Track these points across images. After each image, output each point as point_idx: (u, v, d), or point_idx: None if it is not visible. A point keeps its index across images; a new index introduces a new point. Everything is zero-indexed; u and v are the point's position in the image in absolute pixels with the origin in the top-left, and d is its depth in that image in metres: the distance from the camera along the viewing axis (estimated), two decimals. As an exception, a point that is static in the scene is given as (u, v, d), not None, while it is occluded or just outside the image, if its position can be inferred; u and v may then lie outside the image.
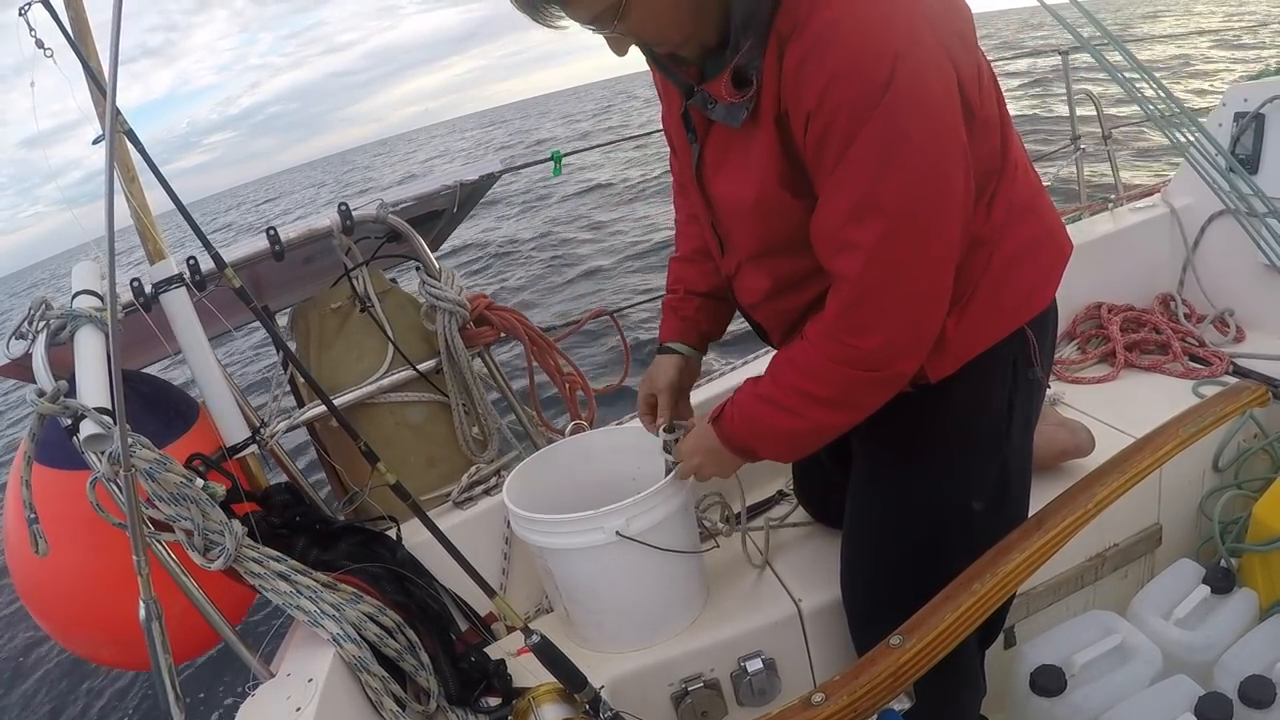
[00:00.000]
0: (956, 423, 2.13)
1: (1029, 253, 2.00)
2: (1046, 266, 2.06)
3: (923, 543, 2.26)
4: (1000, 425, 2.13)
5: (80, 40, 2.53)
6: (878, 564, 2.41)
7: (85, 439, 2.01)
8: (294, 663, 2.21)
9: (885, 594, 2.38)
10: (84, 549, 2.38)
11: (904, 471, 2.28)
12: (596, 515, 2.37)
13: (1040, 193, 2.05)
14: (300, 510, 2.62)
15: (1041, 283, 2.06)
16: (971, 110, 1.71)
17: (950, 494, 2.20)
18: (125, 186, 2.59)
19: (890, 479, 2.31)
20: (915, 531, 2.27)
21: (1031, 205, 2.00)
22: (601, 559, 2.46)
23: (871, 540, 2.41)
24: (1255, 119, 3.57)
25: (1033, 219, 2.00)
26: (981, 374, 2.04)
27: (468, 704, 2.43)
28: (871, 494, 2.39)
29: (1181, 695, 2.34)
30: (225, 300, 2.69)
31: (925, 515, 2.25)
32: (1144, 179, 9.11)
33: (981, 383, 2.07)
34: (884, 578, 2.39)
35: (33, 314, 2.49)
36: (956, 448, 2.18)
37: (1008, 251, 1.96)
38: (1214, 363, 3.44)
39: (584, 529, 2.40)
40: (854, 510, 2.44)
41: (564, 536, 2.44)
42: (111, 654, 2.75)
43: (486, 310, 3.18)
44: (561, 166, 3.96)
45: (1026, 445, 2.24)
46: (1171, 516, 3.05)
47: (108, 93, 1.93)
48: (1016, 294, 2.01)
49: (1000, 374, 2.07)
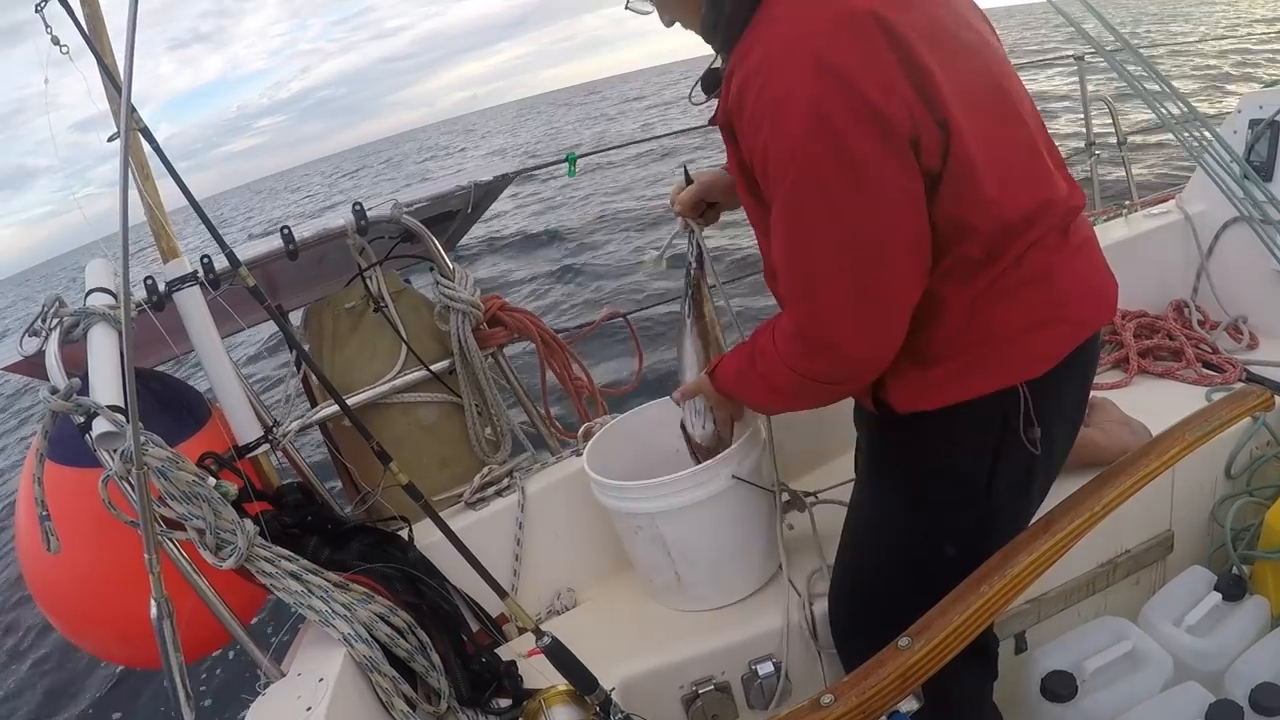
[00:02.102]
0: (927, 456, 2.14)
1: (1035, 326, 1.94)
2: (1052, 339, 1.97)
3: (891, 574, 2.26)
4: (980, 474, 2.06)
5: (95, 38, 2.53)
6: (853, 583, 2.44)
7: (98, 437, 2.02)
8: (305, 662, 2.21)
9: (854, 613, 2.44)
10: (96, 547, 2.38)
11: (876, 490, 2.34)
12: (713, 464, 2.51)
13: (1065, 263, 1.96)
14: (312, 510, 2.62)
15: (1040, 349, 1.96)
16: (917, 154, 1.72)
17: (918, 529, 2.19)
18: (140, 184, 2.60)
19: (869, 497, 2.38)
20: (883, 558, 2.30)
21: (1045, 279, 1.92)
22: (716, 506, 2.57)
23: (851, 560, 2.45)
24: (1270, 126, 3.56)
25: (1042, 291, 1.93)
26: (962, 422, 2.02)
27: (478, 705, 2.43)
28: (856, 506, 2.44)
29: (1192, 702, 2.34)
30: (239, 299, 2.69)
31: (891, 545, 2.27)
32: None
33: (962, 430, 2.05)
34: (856, 598, 2.43)
35: (46, 311, 2.50)
36: (927, 483, 2.17)
37: (1007, 320, 1.93)
38: (1227, 370, 3.43)
39: (703, 479, 2.52)
40: (846, 520, 2.47)
41: (682, 494, 2.52)
42: (122, 652, 2.76)
43: (500, 311, 3.18)
44: (575, 168, 3.96)
45: (1024, 503, 2.18)
46: (1183, 523, 3.04)
47: (123, 90, 1.93)
48: (1006, 357, 1.95)
49: (981, 422, 2.01)
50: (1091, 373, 2.20)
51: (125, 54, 1.86)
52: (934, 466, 2.14)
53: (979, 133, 1.78)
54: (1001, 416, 1.99)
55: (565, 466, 3.15)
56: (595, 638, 2.72)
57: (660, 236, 15.98)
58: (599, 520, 2.94)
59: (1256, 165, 3.55)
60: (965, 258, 1.85)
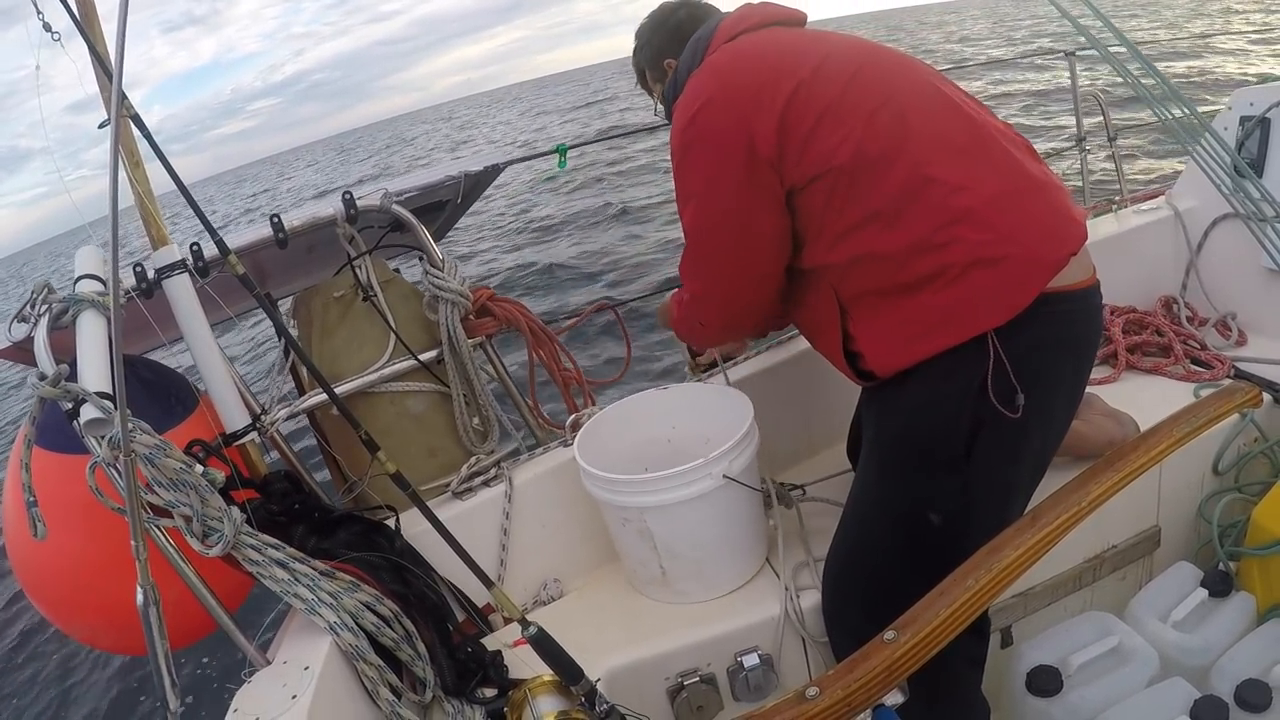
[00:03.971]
0: (909, 422, 2.26)
1: (979, 263, 2.06)
2: (1002, 277, 2.06)
3: (884, 546, 2.34)
4: (959, 438, 2.15)
5: (87, 24, 2.52)
6: (844, 563, 2.48)
7: (86, 423, 2.01)
8: (290, 650, 2.21)
9: (846, 594, 2.47)
10: (83, 533, 2.38)
11: (867, 467, 2.43)
12: (705, 463, 2.52)
13: (997, 203, 2.11)
14: (299, 498, 2.61)
15: (992, 292, 2.06)
16: (781, 149, 2.18)
17: (903, 497, 2.29)
18: (129, 171, 2.59)
19: (861, 474, 2.47)
20: (875, 533, 2.38)
21: (973, 215, 2.08)
22: (705, 505, 2.59)
23: (843, 538, 2.49)
24: (1261, 123, 3.56)
25: (973, 228, 2.07)
26: (936, 378, 2.15)
27: (463, 695, 2.43)
28: (851, 490, 2.51)
29: (1177, 698, 2.34)
30: (228, 287, 2.69)
31: (881, 517, 2.37)
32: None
33: (935, 386, 2.16)
34: (847, 577, 2.47)
35: (35, 297, 2.49)
36: (909, 449, 2.27)
37: (946, 260, 2.07)
38: (1215, 366, 3.43)
39: (694, 478, 2.53)
40: (844, 507, 2.53)
41: (672, 490, 2.53)
42: (108, 639, 2.75)
43: (489, 301, 3.18)
44: (566, 159, 3.96)
45: (1010, 476, 2.25)
46: (1170, 519, 3.05)
47: (113, 77, 1.92)
48: (962, 302, 2.08)
49: (959, 384, 2.11)
50: (1088, 350, 2.30)
51: (116, 41, 1.85)
52: (916, 430, 2.24)
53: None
54: (979, 377, 2.07)
55: (553, 457, 3.15)
56: (581, 628, 2.72)
57: (653, 228, 15.93)
58: (587, 511, 2.94)
59: (1247, 162, 3.55)
60: (875, 210, 2.14)
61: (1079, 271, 2.17)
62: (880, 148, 2.12)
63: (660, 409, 3.09)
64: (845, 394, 2.72)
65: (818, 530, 2.91)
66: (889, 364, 2.21)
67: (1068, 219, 2.18)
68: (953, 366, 2.11)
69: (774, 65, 2.23)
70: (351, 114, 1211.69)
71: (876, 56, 2.34)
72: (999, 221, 2.08)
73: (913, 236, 2.09)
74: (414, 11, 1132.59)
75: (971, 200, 2.08)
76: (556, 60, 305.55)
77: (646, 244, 14.70)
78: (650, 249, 14.27)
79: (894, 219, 2.11)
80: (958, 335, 2.08)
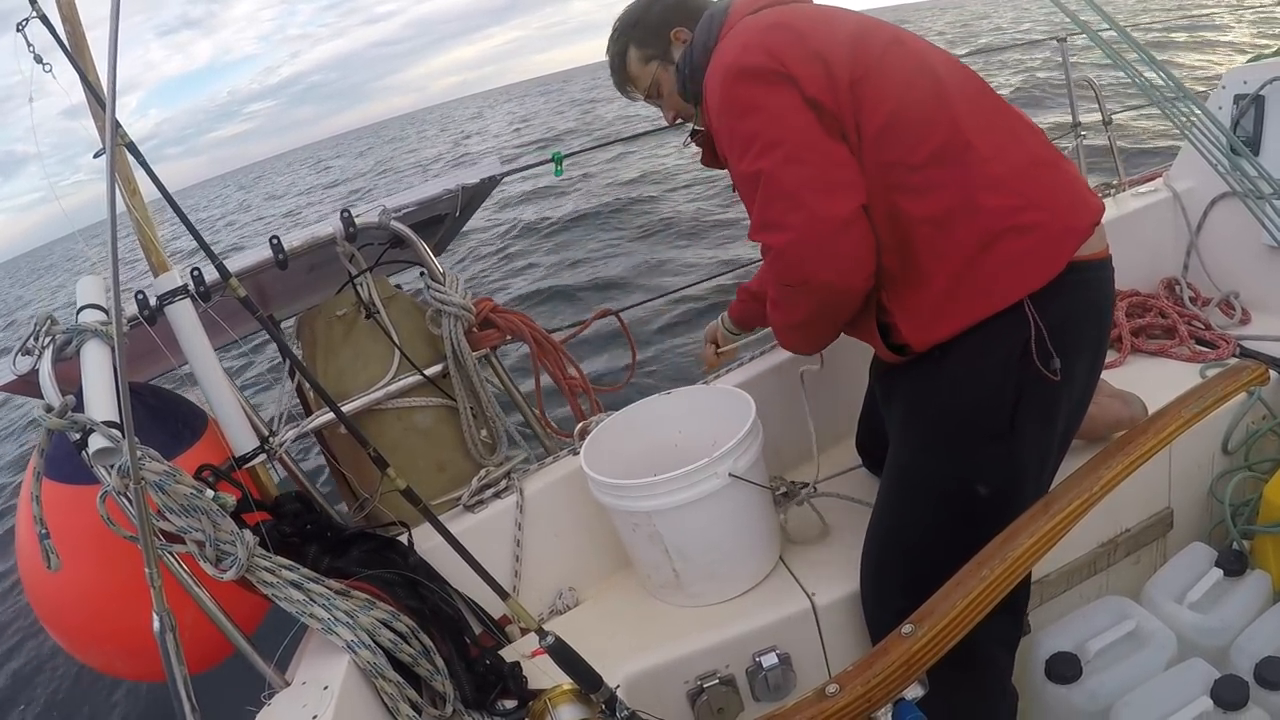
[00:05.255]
0: (952, 396, 2.26)
1: (1012, 230, 2.10)
2: (1036, 244, 2.11)
3: (927, 522, 2.33)
4: (1004, 409, 2.17)
5: (78, 54, 2.53)
6: (885, 543, 2.47)
7: (94, 453, 2.01)
8: (309, 670, 2.21)
9: (890, 575, 2.46)
10: (96, 563, 2.38)
11: (905, 445, 2.42)
12: (711, 462, 2.52)
13: (1025, 172, 2.16)
14: (311, 518, 2.62)
15: (1027, 259, 2.10)
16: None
17: (948, 471, 2.28)
18: (127, 200, 2.59)
19: (898, 453, 2.45)
20: (919, 510, 2.37)
21: (1004, 182, 2.12)
22: (713, 505, 2.58)
23: (883, 517, 2.49)
24: (1255, 101, 3.56)
25: (1007, 195, 2.11)
26: (977, 350, 2.17)
27: (484, 707, 2.43)
28: (888, 469, 2.49)
29: (1197, 678, 2.34)
30: (230, 310, 2.69)
31: (926, 493, 2.35)
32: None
33: (977, 358, 2.18)
34: (890, 557, 2.46)
35: (38, 329, 2.49)
36: (953, 423, 2.27)
37: (980, 225, 2.10)
38: (1220, 345, 3.43)
39: (700, 479, 2.52)
40: (880, 488, 2.53)
41: (679, 492, 2.53)
42: (126, 666, 2.75)
43: (491, 313, 3.18)
44: (563, 167, 3.96)
45: (1048, 441, 2.27)
46: (1182, 500, 3.05)
47: (107, 106, 1.93)
48: (997, 269, 2.11)
49: (1000, 354, 2.14)
50: (1108, 314, 2.37)
51: (109, 69, 1.86)
52: (959, 402, 2.25)
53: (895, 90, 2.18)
54: (1020, 345, 2.10)
55: (563, 466, 3.15)
56: (598, 636, 2.72)
57: (648, 220, 15.88)
58: (599, 518, 2.94)
59: (1243, 140, 3.55)
60: (910, 172, 2.15)
61: (1098, 241, 2.24)
62: (919, 112, 2.15)
63: (666, 414, 3.09)
64: (853, 390, 2.73)
65: (831, 527, 2.91)
66: (926, 337, 2.22)
67: (1086, 190, 2.24)
68: (993, 336, 2.14)
69: (810, 27, 2.24)
70: (348, 115, 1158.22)
71: (905, 33, 2.36)
72: (1030, 189, 2.13)
73: (948, 201, 2.12)
74: (409, 13, 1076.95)
75: (1003, 169, 2.12)
76: (553, 60, 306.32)
77: (647, 248, 14.69)
78: (653, 256, 14.26)
79: (928, 184, 2.14)
80: (997, 303, 2.11)
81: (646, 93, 2.77)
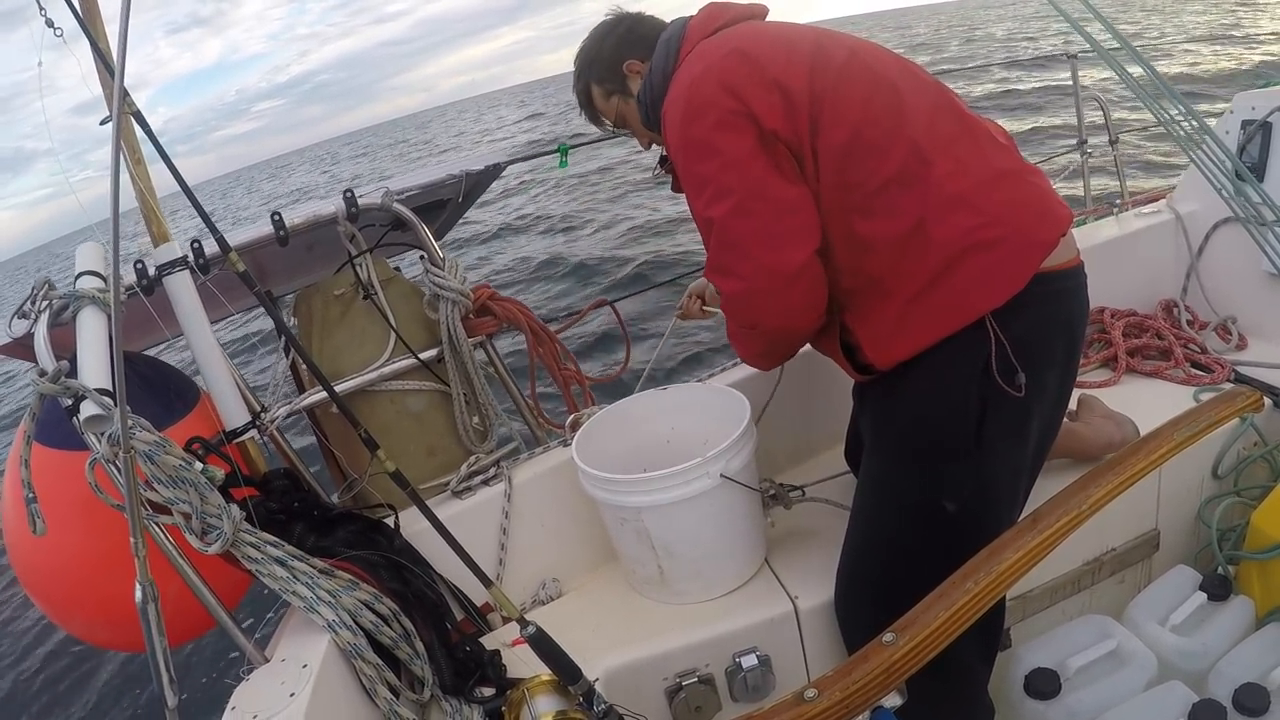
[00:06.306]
0: (915, 413, 2.26)
1: (974, 247, 2.08)
2: (998, 260, 2.09)
3: (896, 537, 2.34)
4: (968, 425, 2.17)
5: (90, 21, 2.52)
6: (857, 555, 2.48)
7: (85, 420, 2.01)
8: (289, 648, 2.21)
9: (861, 587, 2.46)
10: (82, 530, 2.38)
11: (875, 459, 2.43)
12: (703, 462, 2.51)
13: (986, 188, 2.13)
14: (299, 496, 2.61)
15: (989, 275, 2.09)
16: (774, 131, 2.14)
17: (915, 487, 2.28)
18: (131, 169, 2.58)
19: (869, 465, 2.46)
20: (888, 524, 2.38)
21: (965, 200, 2.10)
22: (702, 505, 2.58)
23: (856, 529, 2.49)
24: (1262, 127, 3.56)
25: (967, 213, 2.09)
26: (939, 367, 2.17)
27: (461, 694, 2.43)
28: (861, 481, 2.51)
29: (1176, 701, 2.34)
30: (228, 284, 2.69)
31: (896, 508, 2.36)
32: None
33: (939, 376, 2.18)
34: (861, 570, 2.46)
35: (35, 294, 2.49)
36: (918, 440, 2.28)
37: (941, 245, 2.09)
38: (1215, 370, 3.43)
39: (691, 478, 2.52)
40: (854, 500, 2.52)
41: (670, 490, 2.53)
42: (107, 635, 2.75)
43: (489, 300, 3.18)
44: (568, 159, 3.96)
45: (1018, 458, 2.27)
46: (1170, 522, 3.05)
47: (115, 75, 1.92)
48: (960, 287, 2.09)
49: (963, 371, 2.14)
50: (1080, 323, 2.31)
51: (119, 37, 1.85)
52: (922, 419, 2.25)
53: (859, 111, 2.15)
54: (981, 361, 2.10)
55: (552, 456, 3.15)
56: (580, 628, 2.73)
57: (644, 212, 15.83)
58: (586, 511, 2.94)
59: (1249, 166, 3.55)
60: (871, 194, 2.13)
61: (1066, 251, 2.20)
62: (877, 130, 2.13)
63: (659, 409, 3.08)
64: (845, 395, 2.72)
65: (817, 531, 2.91)
66: (888, 356, 2.22)
67: (1054, 200, 2.23)
68: (955, 353, 2.13)
69: (768, 51, 2.21)
70: (357, 114, 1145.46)
71: (862, 45, 2.32)
72: (991, 205, 2.11)
73: (908, 223, 2.10)
74: (418, 12, 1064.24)
75: (963, 185, 2.10)
76: (562, 61, 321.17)
77: (646, 243, 14.69)
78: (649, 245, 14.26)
79: (887, 208, 2.12)
80: (958, 321, 2.10)
81: (615, 124, 2.77)
